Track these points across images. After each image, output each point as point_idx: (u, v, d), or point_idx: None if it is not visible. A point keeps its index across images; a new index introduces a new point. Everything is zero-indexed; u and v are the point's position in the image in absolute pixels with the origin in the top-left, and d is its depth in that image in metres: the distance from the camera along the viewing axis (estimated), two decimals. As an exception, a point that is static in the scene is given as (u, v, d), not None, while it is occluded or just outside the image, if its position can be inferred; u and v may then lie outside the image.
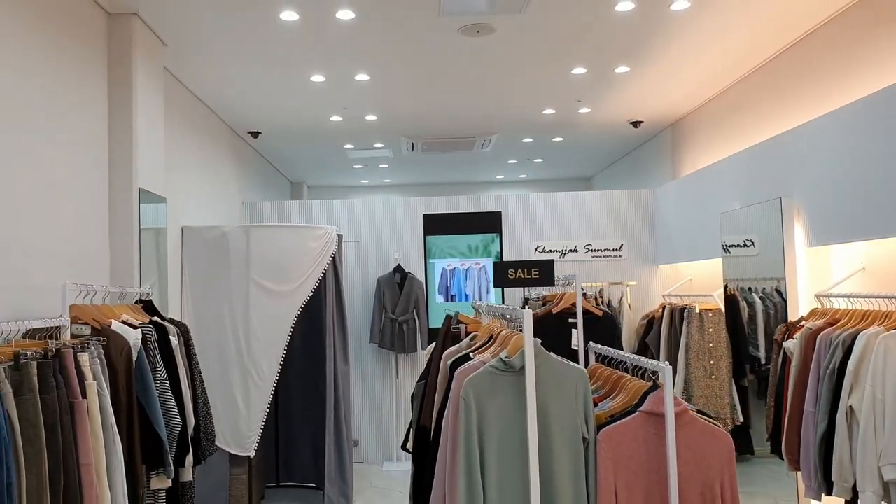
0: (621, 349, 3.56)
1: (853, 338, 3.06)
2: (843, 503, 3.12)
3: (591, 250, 6.91)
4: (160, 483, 3.03)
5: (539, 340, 2.10)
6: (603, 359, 2.71)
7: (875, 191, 3.41)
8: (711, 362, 5.16)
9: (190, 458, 3.34)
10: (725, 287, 4.95)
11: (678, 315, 5.42)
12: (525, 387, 2.03)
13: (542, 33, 4.41)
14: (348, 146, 7.79)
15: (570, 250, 6.93)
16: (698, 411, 2.18)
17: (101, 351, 2.68)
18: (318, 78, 5.23)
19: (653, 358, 5.68)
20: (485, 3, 3.89)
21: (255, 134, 6.94)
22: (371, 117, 6.49)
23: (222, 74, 5.06)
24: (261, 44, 4.47)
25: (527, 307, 6.10)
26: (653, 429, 2.03)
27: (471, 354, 2.48)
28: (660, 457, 2.00)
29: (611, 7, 4.01)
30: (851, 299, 3.38)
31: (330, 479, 5.14)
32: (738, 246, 4.78)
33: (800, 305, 4.01)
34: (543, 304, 3.63)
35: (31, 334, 2.59)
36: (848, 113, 3.64)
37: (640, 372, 2.34)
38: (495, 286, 3.19)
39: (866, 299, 3.27)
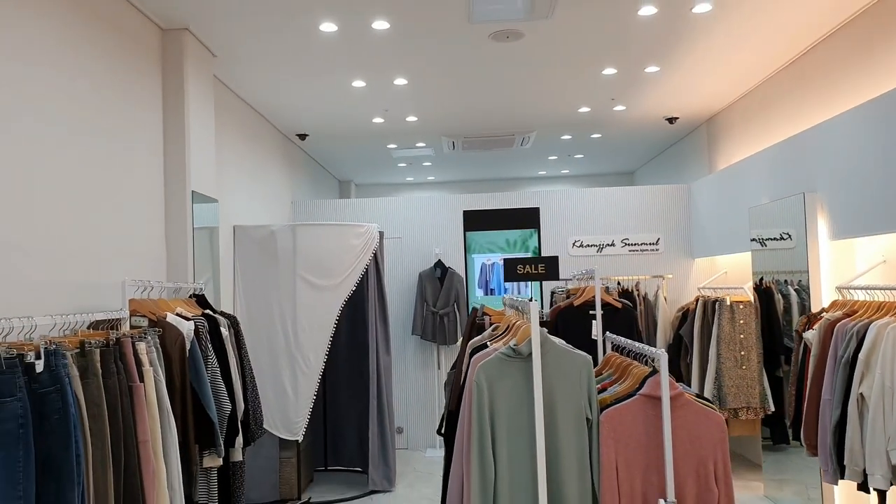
0: (640, 339, 3.71)
1: (866, 328, 3.14)
2: (856, 487, 3.20)
3: (629, 244, 7.00)
4: (211, 462, 3.32)
5: (545, 330, 2.29)
6: (617, 347, 2.87)
7: (895, 185, 3.46)
8: (742, 353, 5.22)
9: (240, 439, 3.63)
10: (761, 279, 5.01)
11: (710, 307, 5.49)
12: (532, 372, 2.23)
13: (568, 37, 4.56)
14: (391, 146, 8.05)
15: (608, 244, 7.04)
16: (697, 396, 2.33)
17: (157, 340, 2.98)
18: (358, 83, 5.49)
19: (687, 350, 5.81)
20: (512, 11, 4.07)
21: (302, 136, 7.27)
22: (412, 118, 6.73)
23: (269, 81, 5.38)
24: (303, 53, 4.75)
25: (553, 298, 6.22)
26: (651, 410, 2.20)
27: (488, 343, 2.68)
28: (657, 436, 2.17)
29: (633, 11, 4.14)
30: (870, 291, 3.45)
31: (374, 463, 5.42)
32: (766, 239, 4.83)
33: (823, 297, 4.07)
34: (567, 297, 3.80)
35: (94, 325, 2.91)
36: (867, 109, 3.69)
37: (646, 359, 2.50)
38: (505, 280, 3.38)
39: (884, 291, 3.34)
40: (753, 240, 5.06)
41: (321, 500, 5.23)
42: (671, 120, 6.89)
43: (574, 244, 7.09)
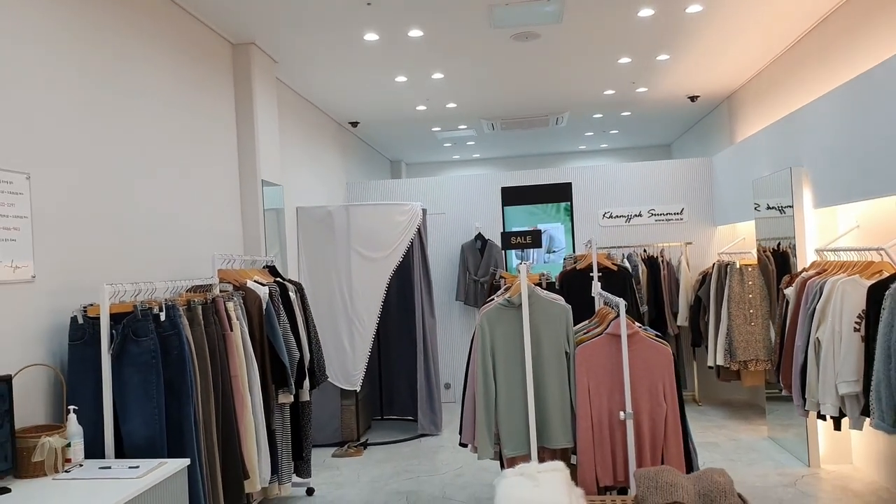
0: (633, 296, 4.33)
1: (825, 283, 3.69)
2: (816, 416, 3.78)
3: (655, 214, 7.51)
4: (284, 398, 4.13)
5: (533, 285, 2.97)
6: (606, 302, 3.52)
7: (868, 158, 3.95)
8: (751, 311, 5.74)
9: (307, 382, 4.44)
10: (779, 244, 5.43)
11: (724, 270, 6.02)
12: (522, 317, 2.92)
13: (580, 35, 5.12)
14: (436, 129, 8.72)
15: (636, 215, 7.56)
16: (656, 335, 2.97)
17: (241, 301, 3.79)
18: (401, 78, 6.18)
19: (705, 309, 6.34)
20: (527, 17, 4.67)
21: (354, 124, 8.02)
22: (451, 105, 7.38)
23: (322, 79, 6.12)
24: (350, 56, 5.46)
25: (553, 258, 6.71)
26: (614, 345, 2.86)
27: (495, 298, 3.38)
28: (619, 365, 2.83)
29: (633, 13, 4.68)
30: (839, 253, 3.98)
31: (422, 411, 6.20)
32: (765, 208, 5.33)
33: (807, 259, 4.58)
34: (574, 263, 4.43)
35: (193, 289, 3.72)
36: (845, 91, 4.17)
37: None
38: (502, 248, 4.01)
39: (849, 252, 3.87)
40: (756, 208, 5.55)
41: (377, 441, 6.04)
42: (693, 98, 7.33)
43: (604, 215, 7.64)
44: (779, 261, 5.55)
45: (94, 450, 2.78)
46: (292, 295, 4.44)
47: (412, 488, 4.69)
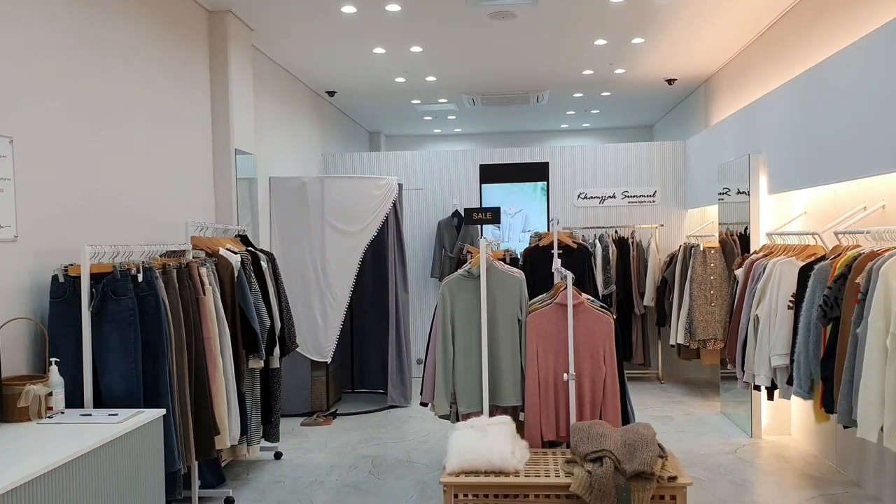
0: (591, 273, 4.55)
1: (767, 265, 3.93)
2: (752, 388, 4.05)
3: (628, 196, 7.72)
4: (255, 363, 4.30)
5: (492, 259, 3.17)
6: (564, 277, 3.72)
7: (817, 147, 4.17)
8: (711, 292, 5.99)
9: (277, 350, 4.60)
10: (746, 228, 5.65)
11: (688, 253, 6.25)
12: (480, 287, 3.12)
13: (556, 17, 5.27)
14: (415, 101, 8.81)
15: (610, 196, 7.76)
16: (601, 306, 3.19)
17: (214, 268, 3.94)
18: (379, 50, 6.29)
19: (671, 291, 6.58)
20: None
21: (331, 93, 8.07)
22: (431, 78, 7.48)
23: (299, 48, 6.18)
24: (327, 27, 5.55)
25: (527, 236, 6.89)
26: (561, 314, 3.07)
27: (459, 270, 3.58)
28: (564, 331, 3.05)
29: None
30: (785, 237, 4.21)
31: (392, 382, 6.40)
32: (726, 193, 5.55)
33: (761, 243, 4.82)
34: (539, 240, 4.63)
35: (167, 254, 3.87)
36: (796, 84, 4.37)
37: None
38: (465, 224, 4.18)
39: (798, 236, 4.10)
40: (724, 193, 5.78)
41: (346, 412, 6.23)
42: (670, 81, 7.51)
43: (579, 196, 7.83)
44: (744, 244, 5.79)
45: (73, 402, 2.95)
46: (264, 264, 4.58)
47: (378, 453, 4.91)
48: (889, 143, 3.36)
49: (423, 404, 3.58)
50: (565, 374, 3.00)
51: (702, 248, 6.08)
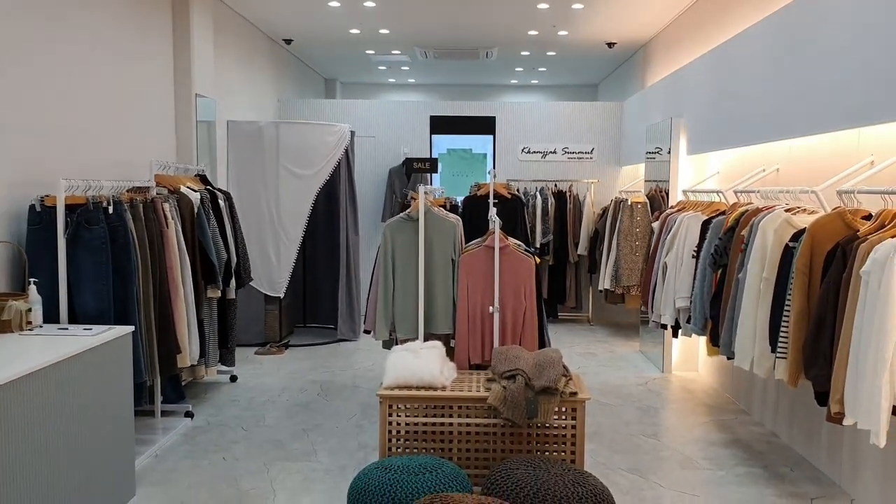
0: (522, 220, 5.02)
1: (677, 219, 4.45)
2: (657, 327, 4.62)
3: (568, 152, 8.19)
4: (212, 293, 4.65)
5: (430, 205, 3.58)
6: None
7: (730, 113, 4.66)
8: (636, 243, 6.55)
9: (233, 282, 4.96)
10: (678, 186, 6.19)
11: (618, 207, 6.78)
12: (419, 229, 3.54)
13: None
14: (369, 52, 9.02)
15: (551, 152, 8.22)
16: (525, 249, 3.65)
17: (176, 204, 4.24)
18: (334, 3, 6.50)
19: (601, 240, 7.12)
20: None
21: (288, 41, 8.24)
22: (384, 31, 7.71)
23: (258, -1, 6.36)
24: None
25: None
26: (489, 255, 3.53)
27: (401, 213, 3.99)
28: (491, 270, 3.51)
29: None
30: (697, 194, 4.74)
31: (342, 318, 6.83)
32: (659, 152, 6.06)
33: (678, 199, 5.35)
34: (477, 189, 5.06)
35: (133, 190, 4.15)
36: (712, 55, 4.84)
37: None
38: (405, 173, 4.57)
39: (706, 193, 4.63)
40: (651, 153, 6.28)
41: (298, 343, 6.66)
42: (610, 45, 7.92)
43: (523, 150, 8.26)
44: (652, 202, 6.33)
45: (49, 319, 3.28)
46: (221, 202, 4.89)
47: (326, 379, 5.36)
48: (786, 112, 3.86)
49: (367, 331, 4.03)
50: (490, 307, 3.47)
51: (630, 203, 6.62)
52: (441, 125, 8.27)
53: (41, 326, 3.10)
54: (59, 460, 2.65)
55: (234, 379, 5.23)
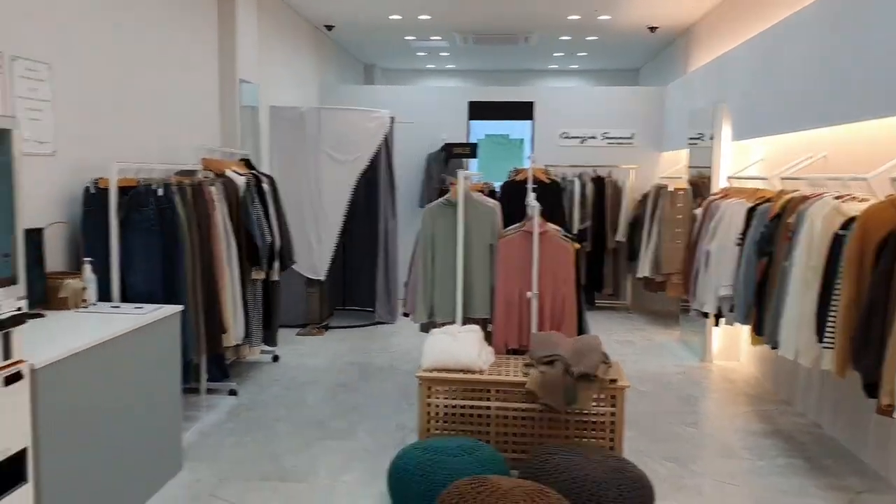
0: (560, 206, 4.99)
1: (720, 206, 4.39)
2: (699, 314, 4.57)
3: (608, 137, 8.10)
4: (256, 275, 4.75)
5: (469, 190, 3.60)
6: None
7: (775, 99, 4.56)
8: (677, 230, 6.46)
9: (276, 264, 5.05)
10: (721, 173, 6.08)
11: (659, 193, 6.70)
12: (457, 214, 3.56)
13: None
14: (409, 38, 9.03)
15: (591, 137, 8.14)
16: (565, 235, 3.65)
17: (222, 188, 4.33)
18: (375, -12, 6.52)
19: (641, 227, 7.05)
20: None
21: (329, 27, 8.30)
22: (424, 17, 7.72)
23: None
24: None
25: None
26: (528, 240, 3.54)
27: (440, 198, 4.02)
28: (529, 255, 3.52)
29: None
30: (742, 180, 4.66)
31: (380, 301, 6.91)
32: (700, 138, 5.96)
33: (722, 185, 5.27)
34: (515, 175, 5.06)
35: (180, 173, 4.26)
36: (761, 39, 4.73)
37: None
38: (445, 158, 4.58)
39: (752, 180, 4.55)
40: (693, 138, 6.18)
41: (337, 325, 6.76)
42: (652, 29, 7.79)
43: (562, 135, 8.19)
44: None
45: (101, 298, 3.39)
46: (265, 186, 4.98)
47: (365, 360, 5.44)
48: (833, 98, 3.77)
49: (406, 314, 4.08)
50: (529, 293, 3.48)
51: (671, 190, 6.53)
52: (479, 110, 8.25)
53: (95, 304, 3.21)
54: (111, 433, 2.76)
55: (276, 359, 5.35)
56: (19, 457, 2.25)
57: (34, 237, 2.95)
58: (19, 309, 2.18)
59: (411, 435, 3.80)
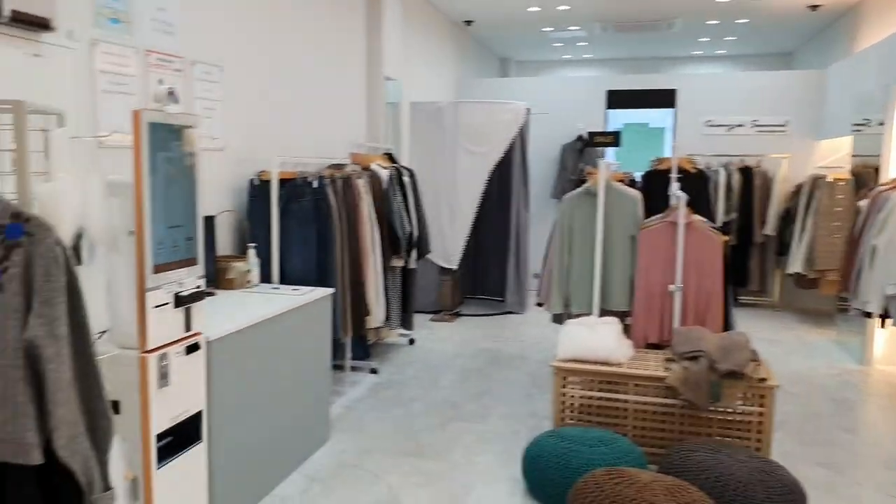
0: (707, 197, 4.78)
1: (889, 197, 4.03)
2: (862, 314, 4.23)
3: (758, 125, 7.64)
4: (397, 262, 4.96)
5: (609, 179, 3.55)
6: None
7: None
8: (836, 223, 6.00)
9: (414, 253, 5.25)
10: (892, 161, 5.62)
11: (815, 184, 6.24)
12: (597, 204, 3.53)
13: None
14: (547, 29, 8.98)
15: (738, 125, 7.71)
16: (711, 226, 3.51)
17: (368, 180, 4.56)
18: (514, -20, 6.55)
19: (793, 220, 6.61)
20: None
21: (468, 22, 8.44)
22: (564, 7, 7.64)
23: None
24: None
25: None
26: (672, 230, 3.43)
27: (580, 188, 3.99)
28: (673, 247, 3.42)
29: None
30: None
31: (510, 291, 6.98)
32: (867, 124, 5.49)
33: (893, 175, 4.83)
34: (659, 164, 4.89)
35: (330, 167, 4.53)
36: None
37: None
38: (587, 146, 4.49)
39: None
40: (858, 124, 5.70)
41: (468, 313, 6.90)
42: (813, 7, 7.24)
43: (707, 123, 7.83)
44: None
45: (263, 281, 3.71)
46: (406, 179, 5.18)
47: (496, 347, 5.53)
48: None
49: (539, 304, 4.11)
50: (671, 286, 3.39)
51: (830, 180, 6.07)
52: (618, 99, 8.05)
53: (258, 285, 3.51)
54: (271, 402, 3.02)
55: (412, 342, 5.56)
56: (196, 418, 2.52)
57: (208, 224, 3.27)
58: (198, 287, 2.43)
59: (543, 422, 3.83)
